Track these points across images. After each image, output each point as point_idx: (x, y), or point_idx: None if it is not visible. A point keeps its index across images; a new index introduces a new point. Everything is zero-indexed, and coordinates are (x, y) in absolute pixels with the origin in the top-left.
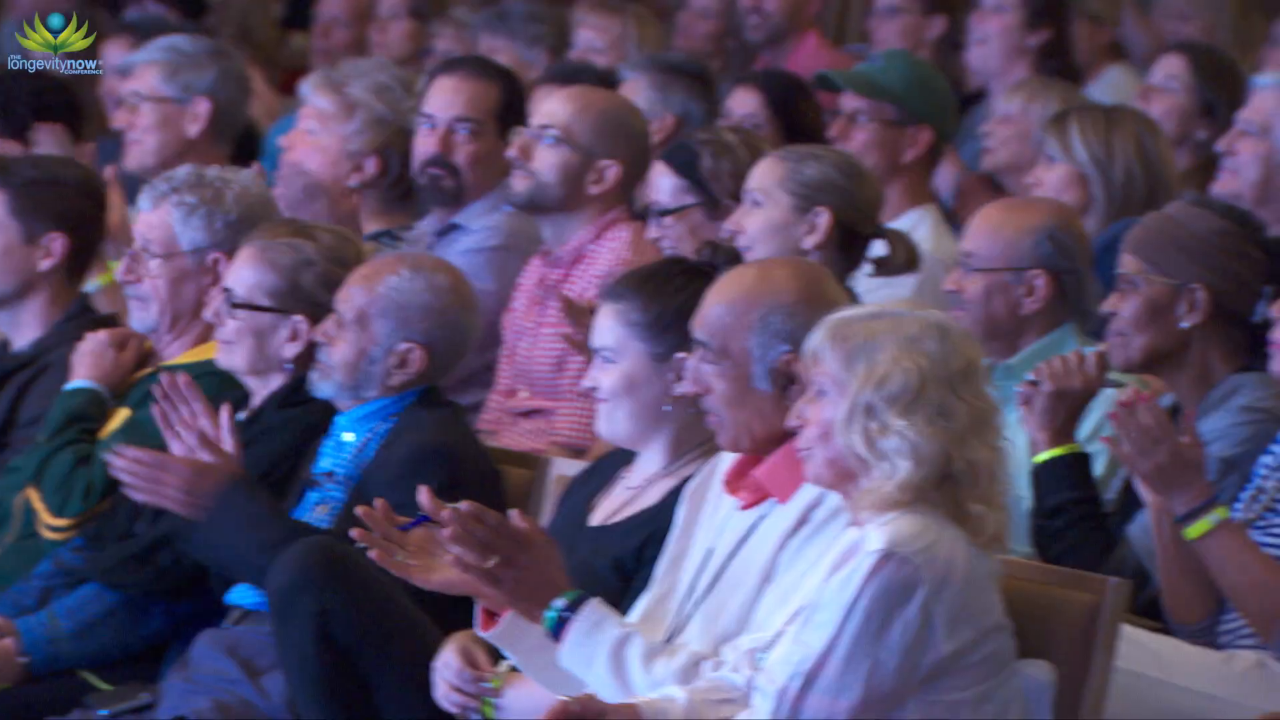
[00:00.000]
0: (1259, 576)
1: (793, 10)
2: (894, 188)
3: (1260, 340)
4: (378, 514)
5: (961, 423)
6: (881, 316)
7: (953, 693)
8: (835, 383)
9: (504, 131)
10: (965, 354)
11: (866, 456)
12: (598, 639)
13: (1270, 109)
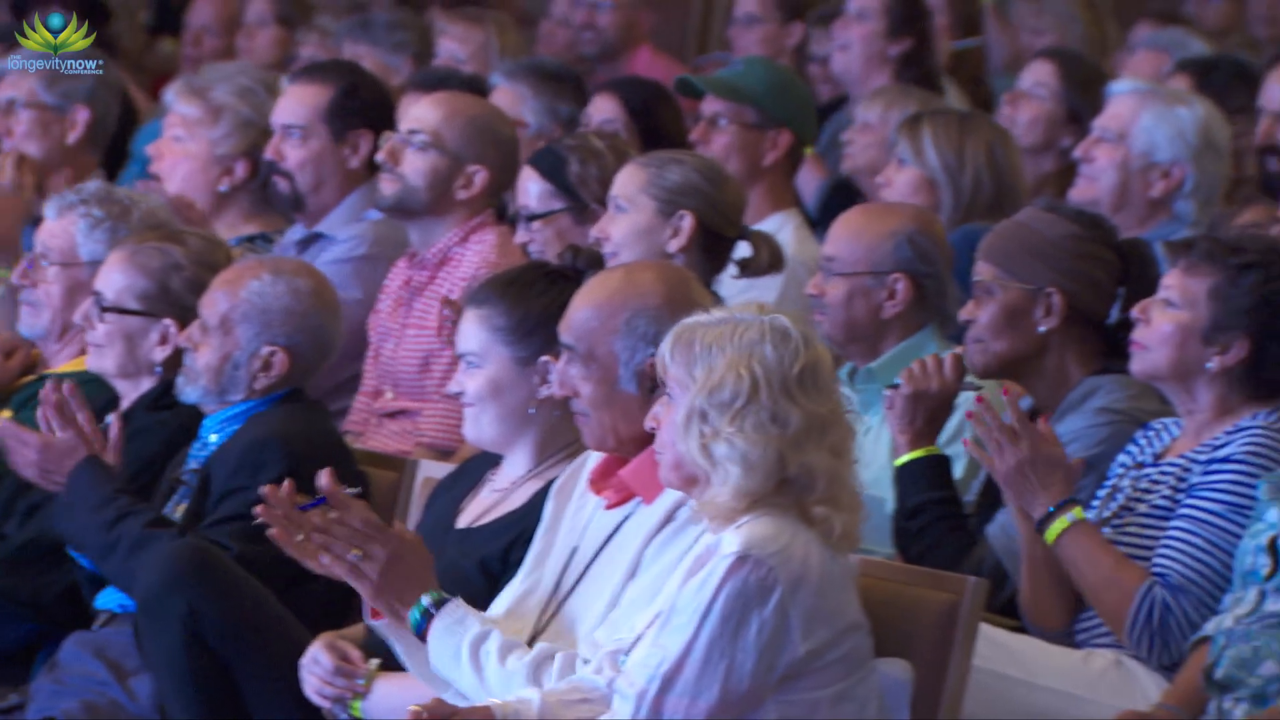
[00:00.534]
0: (1113, 574)
1: (625, 25)
2: (756, 191)
3: (1115, 342)
4: (280, 494)
5: (796, 428)
6: (725, 322)
7: (811, 691)
8: (679, 387)
9: (342, 134)
10: (806, 358)
11: (701, 462)
12: (459, 635)
13: (1126, 116)
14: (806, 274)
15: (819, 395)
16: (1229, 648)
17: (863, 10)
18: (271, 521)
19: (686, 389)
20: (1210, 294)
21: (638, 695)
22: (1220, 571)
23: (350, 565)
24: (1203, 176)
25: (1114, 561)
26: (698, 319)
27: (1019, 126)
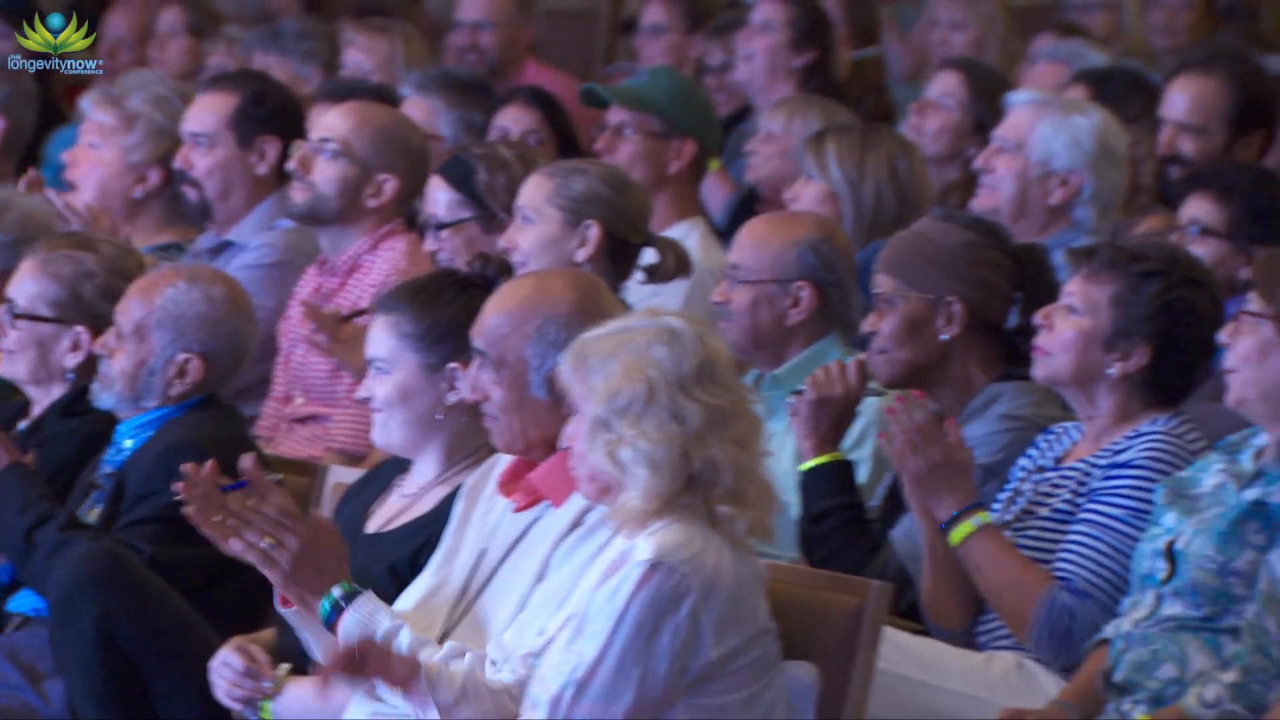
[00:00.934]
0: (1016, 578)
1: (507, 43)
2: (661, 200)
3: (1014, 347)
4: (201, 475)
5: (696, 423)
6: (617, 331)
7: (720, 695)
8: (581, 401)
9: (249, 141)
10: (699, 355)
11: (611, 470)
12: (369, 629)
13: (1023, 126)
14: (712, 281)
15: (716, 389)
16: (1128, 651)
17: (766, 22)
18: (190, 499)
19: (588, 402)
20: (1112, 301)
21: (551, 700)
22: (1122, 575)
23: (263, 552)
24: (1101, 183)
25: (1018, 566)
26: (591, 333)
27: (926, 136)
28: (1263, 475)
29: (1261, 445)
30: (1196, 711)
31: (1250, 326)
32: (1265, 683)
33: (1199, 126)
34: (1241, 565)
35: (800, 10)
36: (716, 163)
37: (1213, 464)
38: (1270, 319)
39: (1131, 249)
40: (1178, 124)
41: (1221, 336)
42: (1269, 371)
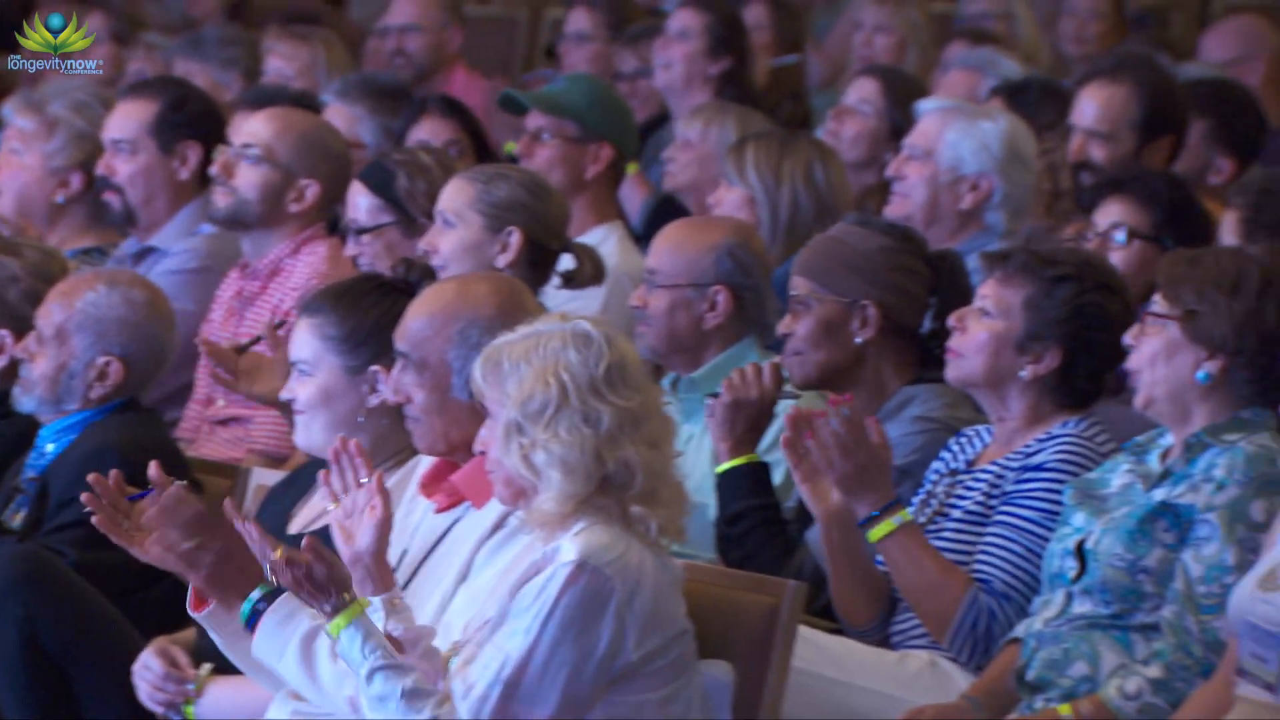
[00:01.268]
0: (934, 578)
1: (435, 47)
2: (579, 204)
3: (928, 351)
4: (108, 483)
5: (609, 425)
6: (529, 336)
7: (639, 694)
8: (496, 406)
9: (170, 146)
10: (610, 356)
11: (526, 474)
12: (289, 630)
13: (932, 133)
14: (630, 285)
15: (628, 391)
16: (1040, 649)
17: (684, 29)
18: (97, 510)
19: (502, 406)
20: (1025, 304)
21: (479, 699)
22: (1037, 577)
23: (183, 554)
24: (1011, 187)
25: (938, 567)
26: (504, 338)
27: (843, 141)
28: (1170, 475)
29: (1168, 446)
30: (1117, 703)
31: (1156, 328)
32: (1187, 680)
33: (1108, 133)
34: (1150, 563)
35: (717, 18)
36: (635, 166)
37: (1120, 464)
38: (1175, 320)
39: (1044, 254)
40: (1087, 131)
41: (1127, 338)
42: (1175, 372)
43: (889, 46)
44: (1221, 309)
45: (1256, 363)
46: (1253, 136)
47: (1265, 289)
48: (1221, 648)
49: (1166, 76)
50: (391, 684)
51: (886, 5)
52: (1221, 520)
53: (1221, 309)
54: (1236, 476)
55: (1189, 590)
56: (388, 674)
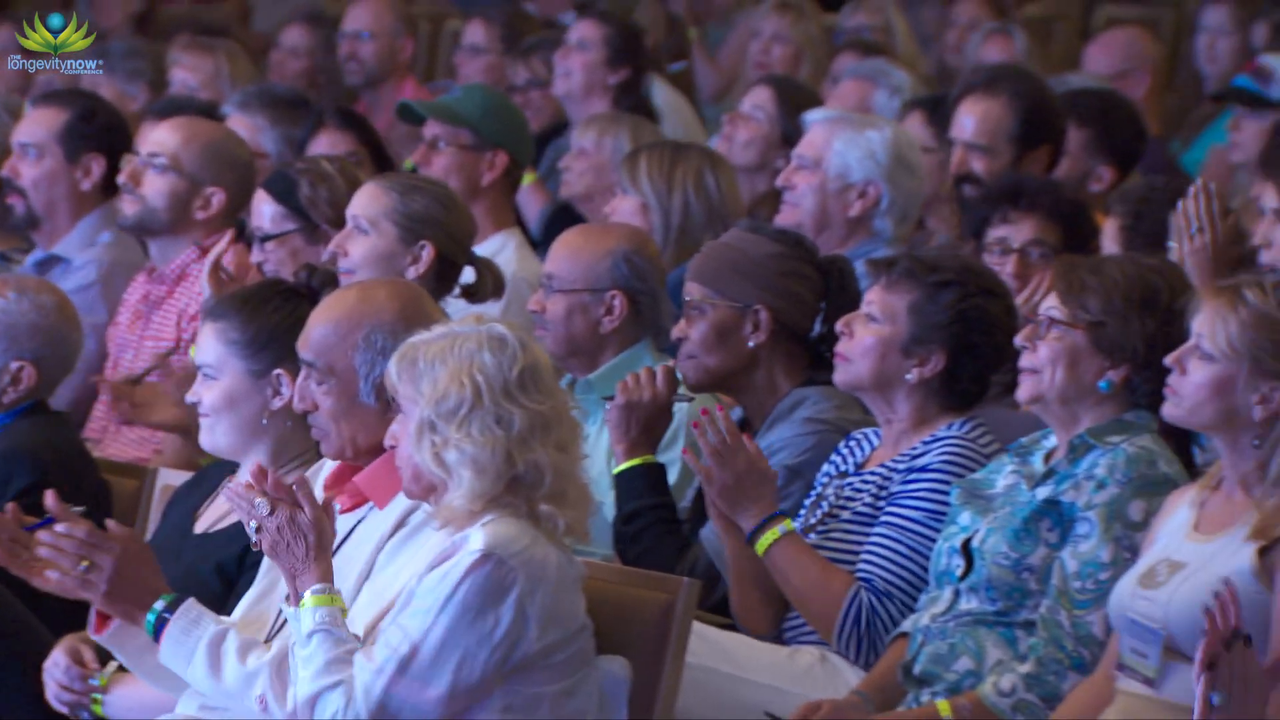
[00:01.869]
0: (820, 581)
1: (386, 56)
2: (477, 211)
3: (818, 354)
4: (5, 516)
5: (520, 428)
6: (445, 336)
7: (538, 686)
8: (409, 403)
9: (76, 155)
10: (523, 361)
11: (437, 470)
12: (195, 635)
13: (820, 142)
14: (528, 291)
15: (540, 395)
16: (926, 644)
17: (583, 40)
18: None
19: (416, 403)
20: (910, 309)
21: (375, 673)
22: (921, 575)
23: (79, 577)
24: (897, 194)
25: (820, 569)
26: (420, 337)
27: (736, 146)
28: (1054, 474)
29: (1052, 446)
30: (993, 699)
31: (1057, 333)
32: (1059, 673)
33: (987, 146)
34: (1034, 561)
35: (615, 30)
36: (533, 175)
37: (1005, 465)
38: (1081, 329)
39: (928, 260)
40: (967, 144)
41: (1019, 339)
42: (1076, 379)
43: (785, 57)
44: (1132, 323)
45: (1158, 374)
46: (1132, 145)
47: (1172, 304)
48: (1093, 642)
49: (1042, 87)
50: (324, 647)
51: (786, 16)
52: (1100, 518)
53: (1132, 323)
54: (1117, 477)
55: (1064, 585)
56: (324, 637)
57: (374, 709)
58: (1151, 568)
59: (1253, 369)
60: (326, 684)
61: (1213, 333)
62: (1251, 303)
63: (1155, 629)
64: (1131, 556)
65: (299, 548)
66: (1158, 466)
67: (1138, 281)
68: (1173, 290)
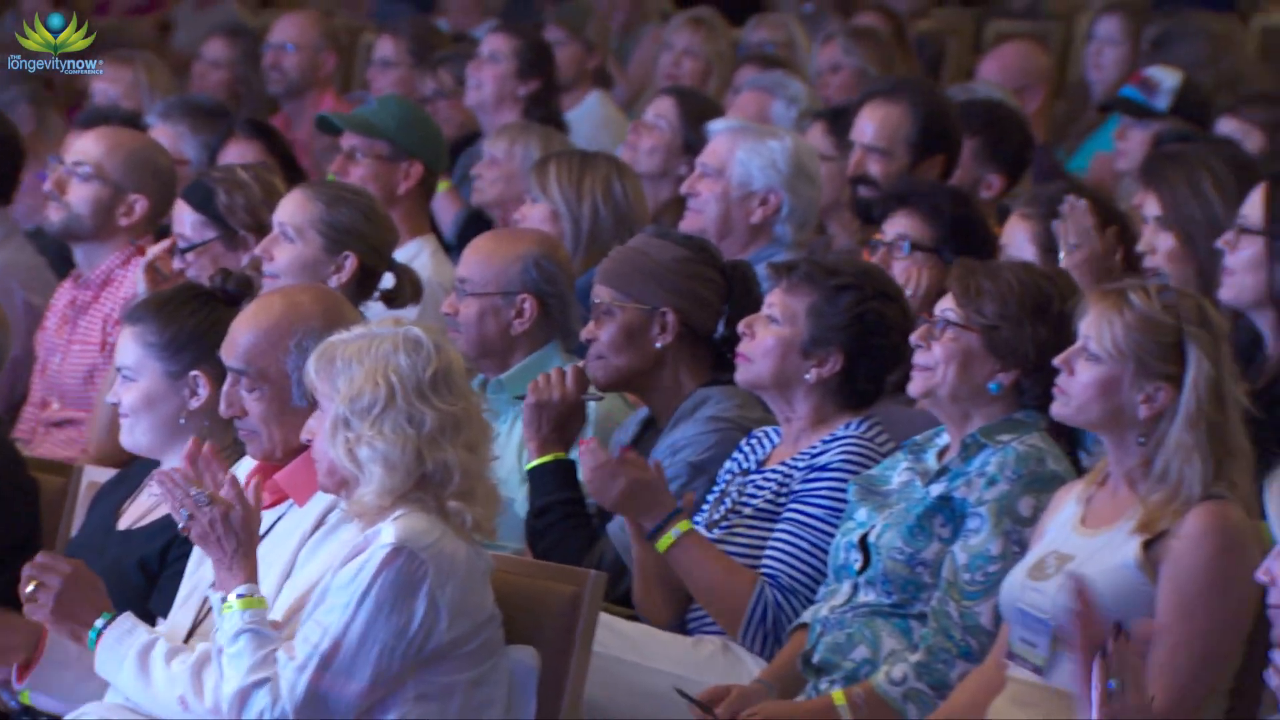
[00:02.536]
0: (724, 579)
1: (309, 69)
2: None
3: (721, 355)
4: None
5: (431, 427)
6: (363, 336)
7: (450, 675)
8: (326, 400)
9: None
10: (437, 363)
11: (349, 466)
12: (127, 643)
13: (723, 151)
14: (442, 294)
15: (452, 396)
16: (825, 635)
17: (494, 52)
18: None
19: (332, 400)
20: (809, 311)
21: (297, 669)
22: (823, 570)
23: (27, 597)
24: (797, 201)
25: (724, 568)
26: (339, 336)
27: (640, 154)
28: (947, 472)
29: (945, 444)
30: (885, 688)
31: (952, 334)
32: (947, 661)
33: (885, 149)
34: (928, 555)
35: (525, 43)
36: (447, 182)
37: (900, 462)
38: (976, 332)
39: (827, 264)
40: (866, 146)
41: (914, 338)
42: (967, 379)
43: (695, 70)
44: (1025, 329)
45: (1045, 378)
46: (1020, 153)
47: (1063, 311)
48: (980, 631)
49: (942, 99)
50: (250, 647)
51: (699, 32)
52: (991, 513)
53: (1025, 329)
54: (1007, 474)
55: (954, 578)
56: (251, 637)
57: (299, 705)
58: (1040, 560)
59: (1137, 369)
60: (254, 681)
61: (1099, 335)
62: (1136, 306)
63: (1044, 619)
64: (1020, 550)
65: (229, 543)
66: (1046, 464)
67: (1031, 288)
68: (1063, 297)
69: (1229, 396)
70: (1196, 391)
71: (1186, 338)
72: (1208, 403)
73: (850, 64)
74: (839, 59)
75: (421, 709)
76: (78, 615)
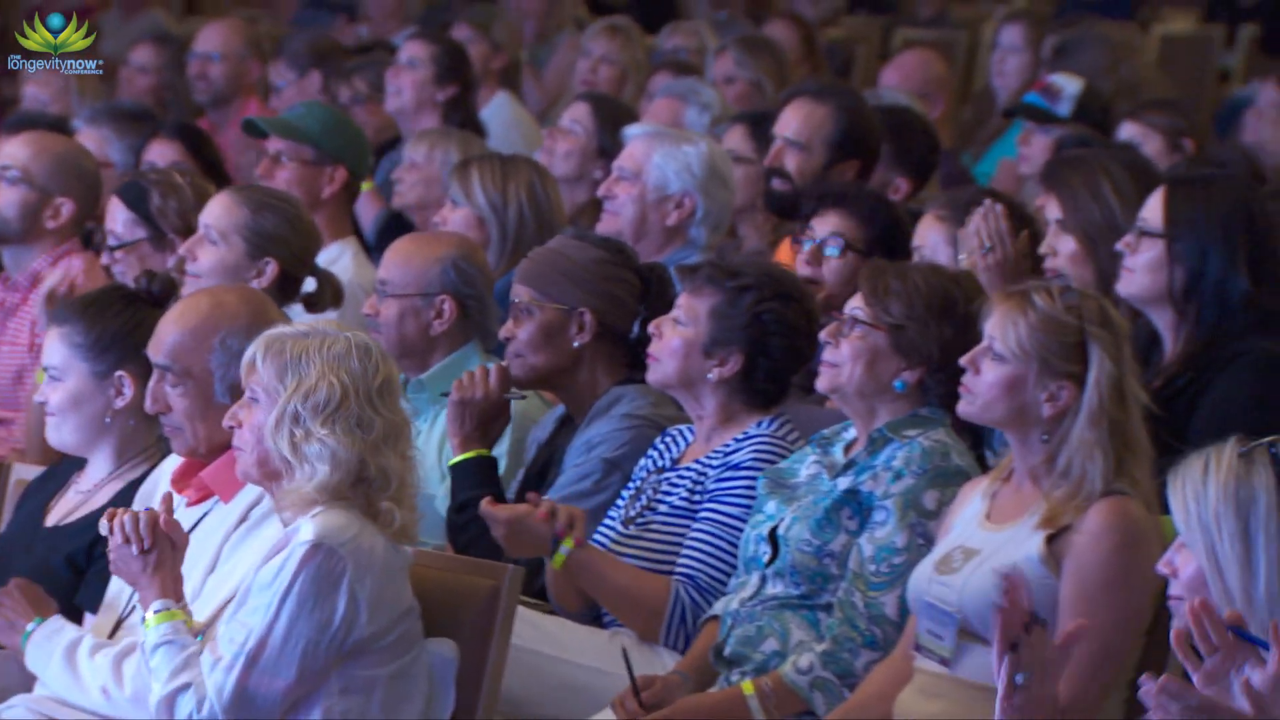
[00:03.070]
0: (635, 587)
1: (234, 77)
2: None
3: (637, 354)
4: None
5: (377, 433)
6: (312, 334)
7: (372, 668)
8: (267, 391)
9: None
10: (384, 372)
11: (291, 459)
12: (55, 641)
13: (640, 155)
14: (363, 295)
15: (393, 406)
16: (736, 627)
17: (412, 59)
18: None
19: (276, 393)
20: (711, 313)
21: (224, 669)
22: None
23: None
24: (711, 204)
25: (631, 577)
26: (285, 330)
27: (556, 158)
28: (854, 465)
29: (852, 439)
30: (793, 678)
31: (860, 332)
32: (853, 651)
33: (804, 144)
34: (836, 548)
35: (443, 49)
36: (370, 184)
37: (808, 455)
38: (883, 331)
39: (729, 266)
40: (787, 140)
41: (824, 335)
42: (874, 376)
43: (611, 77)
44: (930, 328)
45: (949, 377)
46: (926, 158)
47: (968, 312)
48: (885, 621)
49: (865, 108)
50: (168, 657)
51: (616, 39)
52: (897, 507)
53: (930, 328)
54: (913, 468)
55: (860, 569)
56: (168, 649)
57: (228, 705)
58: (947, 554)
59: (1041, 369)
60: (176, 686)
61: (1004, 335)
62: (1040, 307)
63: (950, 612)
64: (925, 543)
65: (136, 564)
66: (951, 459)
67: (938, 290)
68: (968, 299)
69: (1130, 395)
70: (1099, 390)
71: (1089, 338)
72: (1109, 401)
73: (744, 76)
74: (732, 71)
75: (346, 703)
76: (16, 626)
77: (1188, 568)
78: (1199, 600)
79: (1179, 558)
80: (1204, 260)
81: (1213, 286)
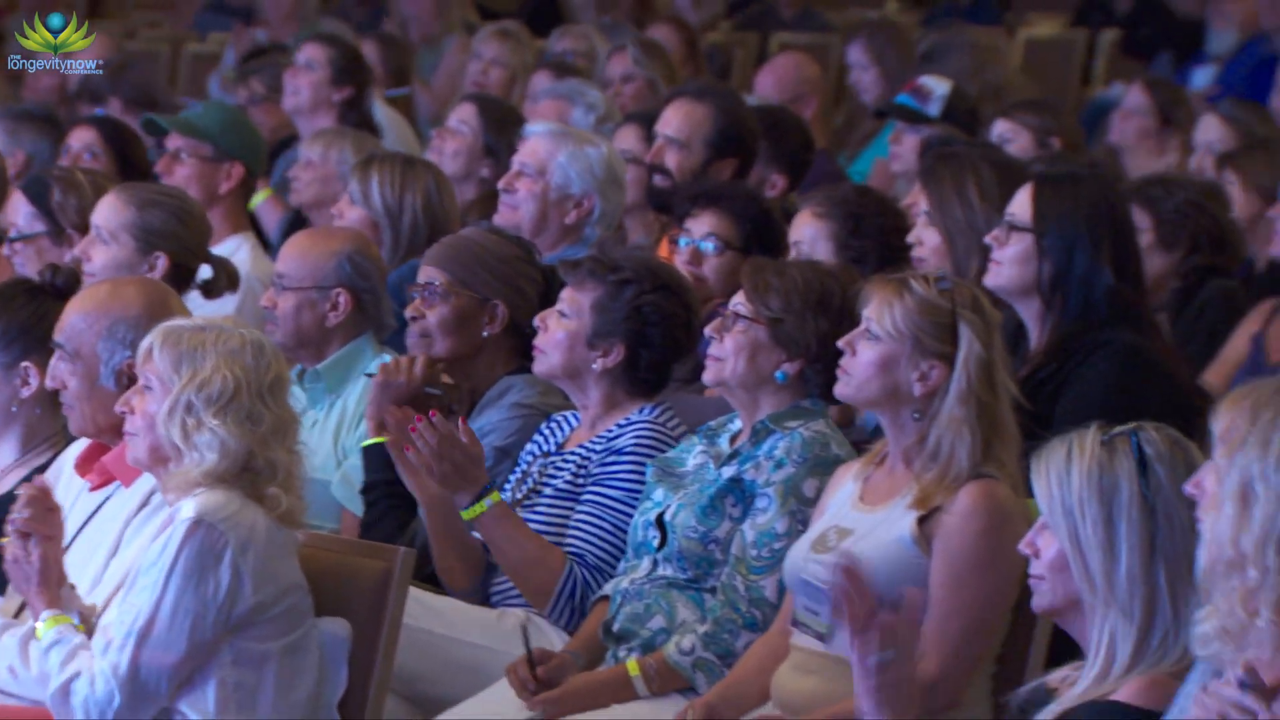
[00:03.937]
0: (533, 555)
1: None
2: (215, 216)
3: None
4: None
5: (266, 427)
6: (209, 329)
7: (263, 642)
8: (162, 380)
9: None
10: (275, 369)
11: (181, 446)
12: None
13: (543, 153)
14: (261, 288)
15: (282, 403)
16: (625, 605)
17: (309, 61)
18: None
19: (171, 383)
20: (593, 305)
21: (116, 649)
22: (623, 549)
23: None
24: (607, 205)
25: (535, 545)
26: (182, 322)
27: (445, 157)
28: (738, 455)
29: (738, 429)
30: (676, 658)
31: (742, 326)
32: (733, 632)
33: (683, 143)
34: (720, 534)
35: (339, 52)
36: (269, 191)
37: (695, 445)
38: (762, 324)
39: (610, 260)
40: (667, 138)
41: (709, 330)
42: (756, 369)
43: (501, 79)
44: (807, 320)
45: (828, 367)
46: (801, 156)
47: (844, 305)
48: (765, 604)
49: (743, 109)
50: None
51: (506, 43)
52: (778, 494)
53: (807, 320)
54: (794, 457)
55: (742, 554)
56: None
57: (123, 682)
58: (822, 534)
59: (914, 348)
60: (68, 676)
61: (880, 317)
62: (916, 291)
63: (826, 589)
64: (804, 528)
65: (26, 580)
66: (830, 449)
67: (815, 284)
68: (845, 294)
69: (999, 381)
70: (967, 369)
71: (960, 320)
72: (978, 381)
73: (640, 74)
74: (630, 69)
75: (238, 674)
76: None
77: (1049, 549)
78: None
79: (1040, 539)
80: (1071, 255)
81: (1078, 280)
